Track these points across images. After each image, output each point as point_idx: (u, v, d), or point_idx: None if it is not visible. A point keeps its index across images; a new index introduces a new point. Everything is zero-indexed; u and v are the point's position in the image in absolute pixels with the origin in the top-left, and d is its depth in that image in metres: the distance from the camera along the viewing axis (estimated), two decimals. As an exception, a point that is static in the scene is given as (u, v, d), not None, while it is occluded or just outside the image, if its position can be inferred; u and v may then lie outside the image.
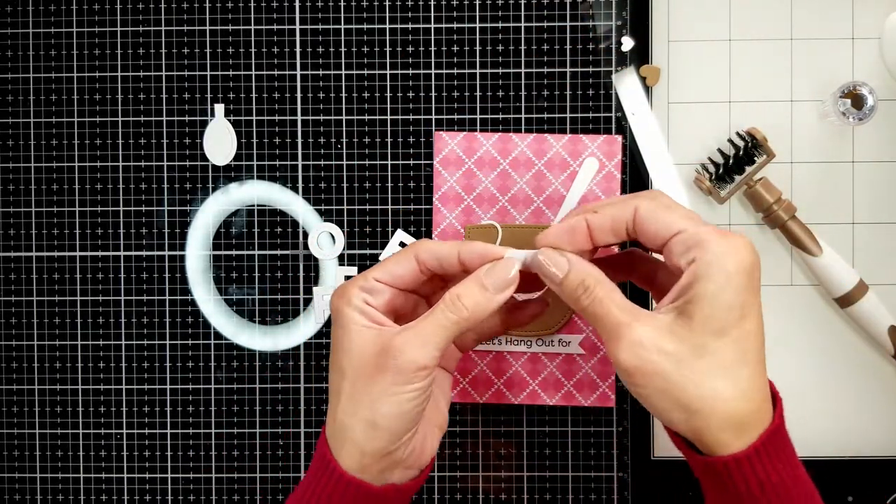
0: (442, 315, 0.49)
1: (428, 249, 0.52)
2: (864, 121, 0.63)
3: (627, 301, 0.48)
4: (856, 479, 0.66)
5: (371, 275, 0.52)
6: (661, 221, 0.48)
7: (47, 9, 0.66)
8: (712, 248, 0.46)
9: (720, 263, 0.45)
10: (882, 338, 0.64)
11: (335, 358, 0.51)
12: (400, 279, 0.52)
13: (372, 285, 0.51)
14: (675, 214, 0.48)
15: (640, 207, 0.48)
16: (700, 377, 0.45)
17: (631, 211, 0.49)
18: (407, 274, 0.52)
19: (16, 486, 0.67)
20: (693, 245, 0.46)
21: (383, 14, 0.66)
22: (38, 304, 0.67)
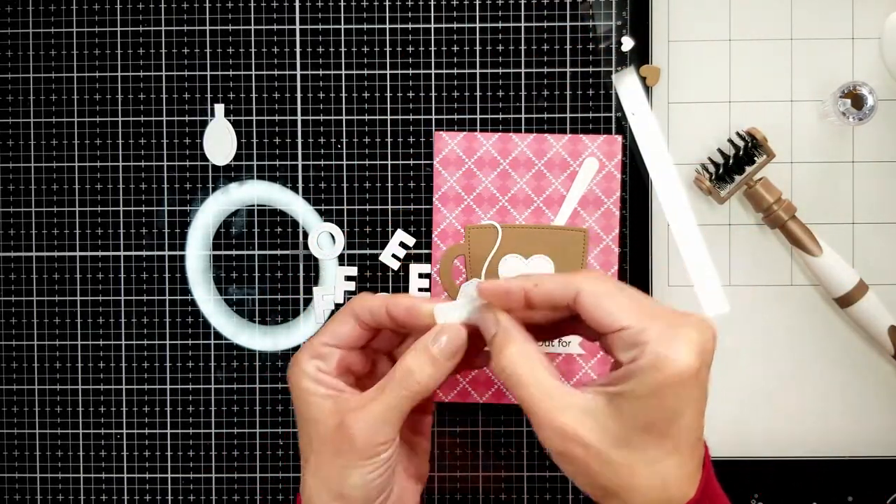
0: (393, 394, 0.49)
1: (362, 305, 0.51)
2: (864, 121, 0.63)
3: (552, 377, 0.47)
4: (856, 479, 0.66)
5: (317, 340, 0.51)
6: (605, 312, 0.46)
7: (47, 9, 0.66)
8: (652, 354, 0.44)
9: (658, 372, 0.44)
10: (882, 338, 0.64)
11: (300, 425, 0.51)
12: (346, 339, 0.52)
13: (320, 351, 0.51)
14: (619, 306, 0.46)
15: (583, 293, 0.47)
16: (620, 468, 0.45)
17: (572, 294, 0.47)
18: (351, 333, 0.52)
19: (16, 486, 0.67)
20: (634, 345, 0.45)
21: (383, 14, 0.66)
22: (38, 304, 0.67)
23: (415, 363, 0.49)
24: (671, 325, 0.45)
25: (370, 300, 0.51)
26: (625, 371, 0.45)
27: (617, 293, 0.47)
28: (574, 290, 0.47)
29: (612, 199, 0.65)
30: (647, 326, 0.45)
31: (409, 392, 0.49)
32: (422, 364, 0.49)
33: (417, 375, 0.49)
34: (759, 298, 0.66)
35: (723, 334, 0.66)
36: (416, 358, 0.49)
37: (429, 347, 0.49)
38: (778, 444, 0.66)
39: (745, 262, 0.66)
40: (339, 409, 0.49)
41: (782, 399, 0.66)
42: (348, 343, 0.52)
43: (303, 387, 0.50)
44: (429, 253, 0.66)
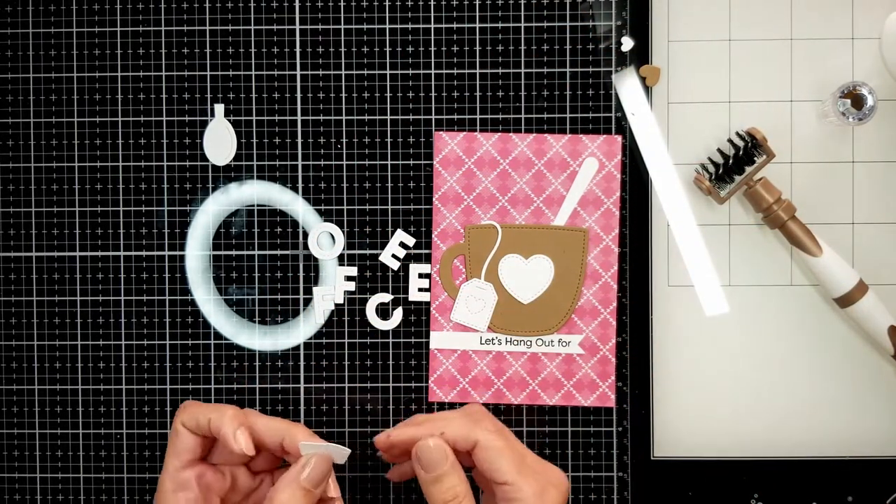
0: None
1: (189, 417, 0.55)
2: (864, 121, 0.63)
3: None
4: (856, 479, 0.66)
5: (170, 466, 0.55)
6: (493, 466, 0.54)
7: (47, 9, 0.66)
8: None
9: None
10: (882, 338, 0.63)
11: None
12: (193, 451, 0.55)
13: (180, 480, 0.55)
14: (504, 462, 0.54)
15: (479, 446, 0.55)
16: None
17: (471, 444, 0.55)
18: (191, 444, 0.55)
19: (16, 486, 0.67)
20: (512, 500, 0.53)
21: (383, 14, 0.66)
22: (38, 304, 0.67)
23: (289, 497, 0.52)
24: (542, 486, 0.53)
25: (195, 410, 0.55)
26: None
27: (505, 450, 0.55)
28: (472, 441, 0.55)
29: (612, 199, 0.65)
30: (523, 486, 0.53)
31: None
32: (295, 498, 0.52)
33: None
34: (759, 298, 0.66)
35: (722, 334, 0.66)
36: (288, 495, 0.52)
37: (300, 481, 0.53)
38: (778, 444, 0.66)
39: (745, 262, 0.66)
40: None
41: (782, 399, 0.66)
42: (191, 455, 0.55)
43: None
44: (429, 253, 0.66)
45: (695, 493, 0.66)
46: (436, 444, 0.54)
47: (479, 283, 0.65)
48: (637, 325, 0.65)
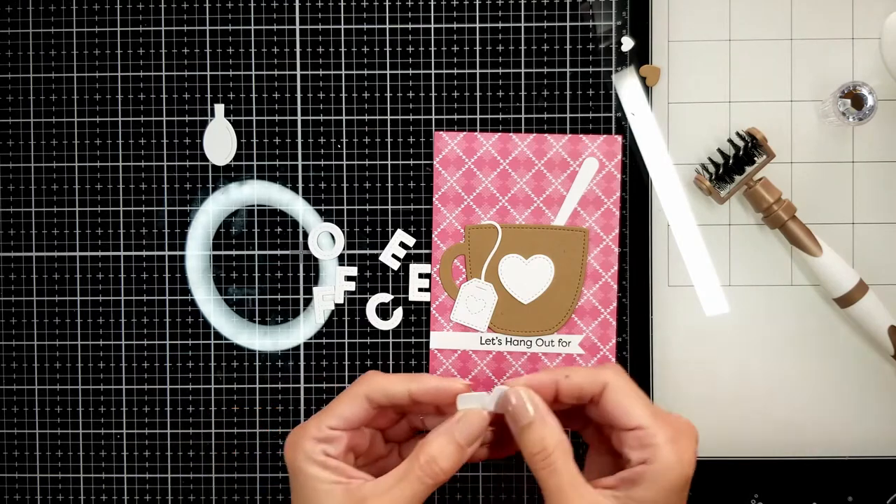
0: (418, 481, 0.49)
1: (379, 389, 0.51)
2: (864, 121, 0.63)
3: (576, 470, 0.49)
4: (856, 479, 0.66)
5: (324, 423, 0.51)
6: (625, 410, 0.50)
7: (47, 9, 0.66)
8: (664, 459, 0.48)
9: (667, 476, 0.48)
10: (882, 338, 0.64)
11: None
12: (354, 422, 0.52)
13: (327, 434, 0.51)
14: (637, 405, 0.50)
15: (609, 388, 0.50)
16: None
17: (599, 387, 0.51)
18: (359, 415, 0.52)
19: (16, 486, 0.67)
20: (647, 446, 0.49)
21: (383, 14, 0.66)
22: (38, 304, 0.67)
23: (439, 451, 0.50)
24: (676, 431, 0.49)
25: (387, 383, 0.52)
26: (637, 473, 0.48)
27: (634, 393, 0.51)
28: (601, 383, 0.51)
29: (612, 199, 0.65)
30: (658, 431, 0.49)
31: (433, 480, 0.49)
32: (447, 452, 0.50)
33: (442, 463, 0.50)
34: (759, 298, 0.66)
35: (722, 334, 0.66)
36: (441, 447, 0.50)
37: (454, 435, 0.50)
38: (778, 444, 0.66)
39: (745, 262, 0.66)
40: (353, 498, 0.49)
41: (782, 399, 0.66)
42: (355, 425, 0.52)
43: (309, 473, 0.50)
44: (429, 253, 0.66)
45: (695, 493, 0.66)
46: (523, 391, 0.50)
47: (479, 283, 0.65)
48: (637, 325, 0.65)
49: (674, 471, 0.48)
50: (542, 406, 0.50)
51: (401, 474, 0.50)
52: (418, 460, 0.49)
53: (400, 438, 0.57)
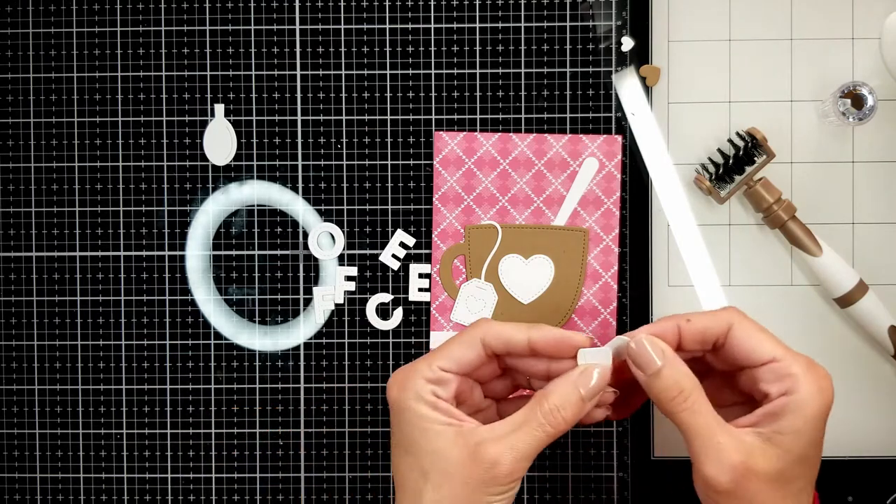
0: (540, 428, 0.49)
1: (496, 334, 0.51)
2: (864, 121, 0.63)
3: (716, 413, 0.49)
4: (856, 479, 0.66)
5: (435, 363, 0.50)
6: (756, 345, 0.49)
7: (47, 9, 0.66)
8: (805, 388, 0.48)
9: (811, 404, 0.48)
10: (882, 338, 0.64)
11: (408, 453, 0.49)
12: (465, 366, 0.51)
13: (439, 375, 0.50)
14: (767, 339, 0.49)
15: (735, 326, 0.49)
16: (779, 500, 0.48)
17: (724, 327, 0.50)
18: (474, 360, 0.51)
19: (16, 486, 0.67)
20: (786, 377, 0.48)
21: (383, 14, 0.66)
22: (38, 304, 0.67)
23: (563, 401, 0.49)
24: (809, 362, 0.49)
25: (505, 329, 0.51)
26: (777, 407, 0.48)
27: (760, 328, 0.50)
28: (727, 323, 0.50)
29: (612, 199, 0.65)
30: (793, 361, 0.48)
31: (554, 429, 0.49)
32: (571, 400, 0.49)
33: (564, 412, 0.49)
34: (759, 298, 0.66)
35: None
36: (565, 396, 0.49)
37: (577, 385, 0.50)
38: (778, 444, 0.66)
39: (745, 262, 0.66)
40: (467, 440, 0.48)
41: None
42: (467, 370, 0.51)
43: (419, 412, 0.49)
44: (429, 253, 0.66)
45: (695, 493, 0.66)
46: (647, 339, 0.49)
47: (479, 283, 0.65)
48: (637, 325, 0.65)
49: (816, 399, 0.48)
50: (668, 350, 0.49)
51: (520, 420, 0.49)
52: (541, 407, 0.49)
53: (499, 395, 0.56)
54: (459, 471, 0.48)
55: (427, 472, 0.48)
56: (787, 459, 0.47)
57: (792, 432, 0.47)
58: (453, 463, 0.48)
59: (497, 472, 0.47)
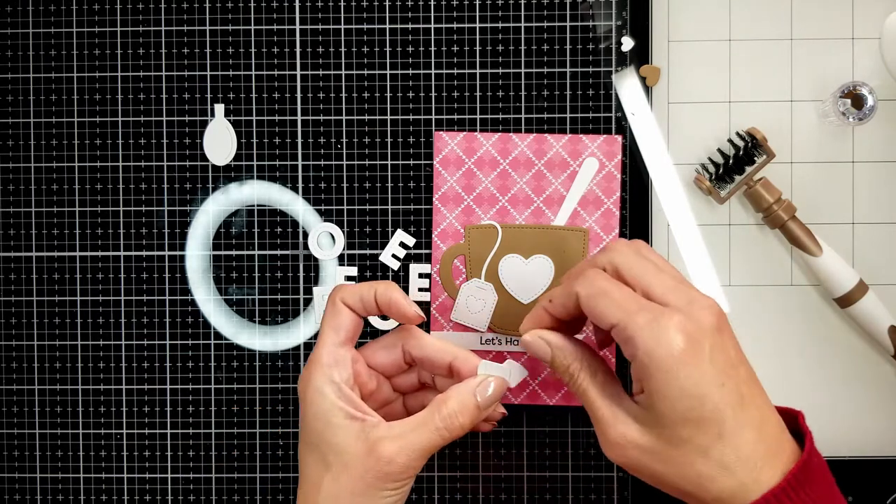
0: (436, 432, 0.51)
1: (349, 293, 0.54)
2: (864, 121, 0.63)
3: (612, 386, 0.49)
4: (856, 479, 0.65)
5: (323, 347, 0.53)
6: (598, 312, 0.48)
7: (47, 9, 0.66)
8: (641, 346, 0.45)
9: (654, 360, 0.45)
10: (882, 338, 0.64)
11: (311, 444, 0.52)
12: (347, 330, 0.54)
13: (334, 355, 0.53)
14: (609, 303, 0.47)
15: (580, 297, 0.49)
16: (681, 466, 0.46)
17: (574, 298, 0.49)
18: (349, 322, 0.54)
19: (16, 486, 0.67)
20: (625, 341, 0.46)
21: (383, 14, 0.66)
22: (38, 304, 0.67)
23: (461, 407, 0.52)
24: (653, 315, 0.46)
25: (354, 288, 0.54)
26: (635, 371, 0.46)
27: (607, 290, 0.48)
28: (573, 295, 0.49)
29: (612, 199, 0.65)
30: (631, 321, 0.46)
31: (449, 433, 0.51)
32: (466, 409, 0.52)
33: (462, 418, 0.52)
34: (759, 298, 0.66)
35: (723, 334, 0.66)
36: (463, 404, 0.52)
37: (475, 394, 0.53)
38: (778, 444, 0.66)
39: (745, 262, 0.66)
40: (368, 436, 0.50)
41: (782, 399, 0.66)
42: (350, 334, 0.54)
43: (324, 407, 0.51)
44: (429, 253, 0.66)
45: (695, 493, 0.66)
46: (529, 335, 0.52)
47: (479, 283, 0.65)
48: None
49: (655, 354, 0.45)
50: (552, 337, 0.51)
51: (419, 422, 0.51)
52: (440, 412, 0.51)
53: (405, 390, 0.59)
54: (357, 464, 0.50)
55: (329, 463, 0.51)
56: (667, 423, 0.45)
57: (653, 395, 0.45)
58: (353, 455, 0.50)
59: (391, 469, 0.50)
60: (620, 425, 0.47)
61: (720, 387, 0.45)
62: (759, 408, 0.46)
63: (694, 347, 0.45)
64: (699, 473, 0.45)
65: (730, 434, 0.45)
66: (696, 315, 0.46)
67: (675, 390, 0.45)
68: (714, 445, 0.45)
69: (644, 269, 0.48)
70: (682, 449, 0.45)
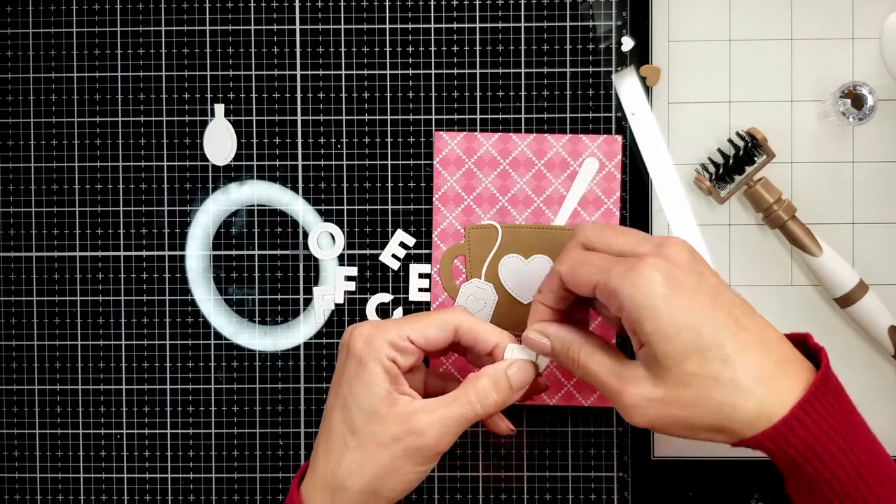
0: (469, 408, 0.51)
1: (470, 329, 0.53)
2: (864, 121, 0.63)
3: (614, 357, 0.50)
4: (856, 479, 0.65)
5: (405, 332, 0.52)
6: (578, 282, 0.51)
7: (47, 9, 0.66)
8: (624, 295, 0.47)
9: (639, 306, 0.47)
10: (882, 338, 0.64)
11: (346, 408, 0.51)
12: (431, 346, 0.53)
13: (405, 346, 0.52)
14: (588, 270, 0.50)
15: (562, 275, 0.52)
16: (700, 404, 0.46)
17: (557, 280, 0.52)
18: (440, 342, 0.53)
19: (16, 486, 0.67)
20: (609, 297, 0.48)
21: (383, 14, 0.66)
22: (38, 304, 0.67)
23: (494, 384, 0.52)
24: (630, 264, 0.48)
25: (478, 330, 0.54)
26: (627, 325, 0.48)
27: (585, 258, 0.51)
28: (557, 275, 0.52)
29: (612, 199, 0.65)
30: (609, 276, 0.48)
31: (482, 410, 0.51)
32: (501, 386, 0.52)
33: (494, 396, 0.52)
34: (760, 298, 0.66)
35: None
36: (496, 380, 0.52)
37: (507, 375, 0.53)
38: (778, 444, 0.66)
39: (745, 262, 0.66)
40: (403, 409, 0.51)
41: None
42: (430, 349, 0.53)
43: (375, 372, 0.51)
44: (429, 253, 0.66)
45: (695, 493, 0.66)
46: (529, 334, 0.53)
47: (479, 283, 0.65)
48: (637, 325, 0.65)
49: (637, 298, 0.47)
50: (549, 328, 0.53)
51: (453, 397, 0.51)
52: (474, 387, 0.52)
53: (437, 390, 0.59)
54: (386, 435, 0.50)
55: (356, 429, 0.51)
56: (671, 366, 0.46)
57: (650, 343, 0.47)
58: (383, 426, 0.50)
59: (424, 442, 0.50)
60: (631, 388, 0.48)
61: (711, 311, 0.46)
62: (758, 329, 0.47)
63: (673, 282, 0.47)
64: (720, 403, 0.46)
65: (734, 355, 0.46)
66: (667, 254, 0.48)
67: (668, 327, 0.46)
68: (723, 371, 0.46)
69: (610, 235, 0.51)
70: (695, 385, 0.46)
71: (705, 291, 0.47)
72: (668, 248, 0.48)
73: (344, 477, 0.50)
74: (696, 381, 0.46)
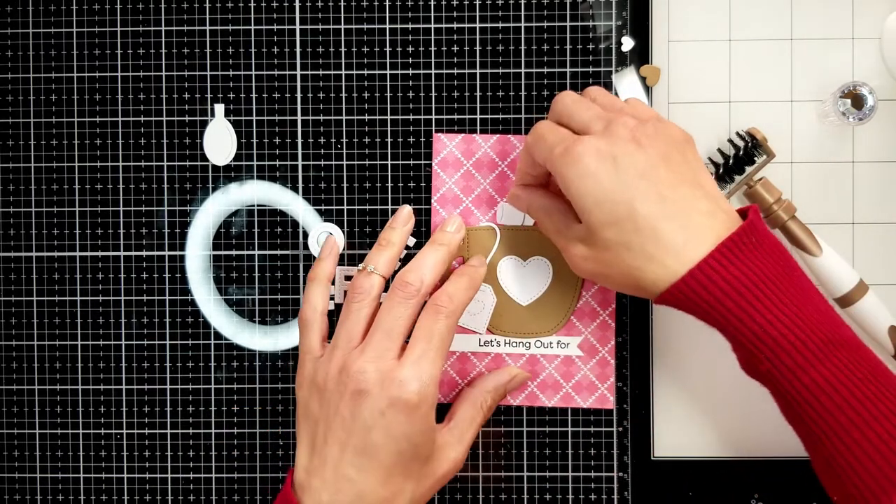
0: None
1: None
2: (864, 121, 0.63)
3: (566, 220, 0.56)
4: (855, 480, 0.65)
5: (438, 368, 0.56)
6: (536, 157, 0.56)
7: (47, 9, 0.66)
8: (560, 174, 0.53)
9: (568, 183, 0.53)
10: (882, 338, 0.63)
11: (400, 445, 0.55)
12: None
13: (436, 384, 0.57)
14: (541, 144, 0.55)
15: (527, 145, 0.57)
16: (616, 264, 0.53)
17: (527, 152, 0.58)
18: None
19: (16, 486, 0.67)
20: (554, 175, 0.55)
21: (383, 14, 0.66)
22: (38, 304, 0.67)
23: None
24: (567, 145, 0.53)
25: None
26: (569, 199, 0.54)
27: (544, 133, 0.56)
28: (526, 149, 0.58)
29: (611, 199, 0.65)
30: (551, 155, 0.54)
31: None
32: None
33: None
34: (759, 299, 0.66)
35: (722, 334, 0.66)
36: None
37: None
38: (778, 445, 0.66)
39: (744, 262, 0.66)
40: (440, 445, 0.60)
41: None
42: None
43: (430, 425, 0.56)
44: (428, 253, 0.66)
45: (695, 493, 0.66)
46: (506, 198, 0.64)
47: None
48: (637, 325, 0.65)
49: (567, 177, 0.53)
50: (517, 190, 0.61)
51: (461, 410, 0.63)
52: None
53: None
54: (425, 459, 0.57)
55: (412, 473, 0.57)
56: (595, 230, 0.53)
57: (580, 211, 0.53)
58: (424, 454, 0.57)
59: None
60: (571, 247, 0.55)
61: (632, 189, 0.51)
62: (684, 204, 0.52)
63: (602, 162, 0.52)
64: (630, 266, 0.52)
65: (645, 227, 0.51)
66: (610, 132, 0.53)
67: (590, 202, 0.52)
68: (633, 239, 0.51)
69: (576, 108, 0.55)
70: (613, 250, 0.52)
71: (632, 170, 0.51)
72: (615, 127, 0.53)
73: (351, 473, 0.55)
74: (614, 247, 0.52)
